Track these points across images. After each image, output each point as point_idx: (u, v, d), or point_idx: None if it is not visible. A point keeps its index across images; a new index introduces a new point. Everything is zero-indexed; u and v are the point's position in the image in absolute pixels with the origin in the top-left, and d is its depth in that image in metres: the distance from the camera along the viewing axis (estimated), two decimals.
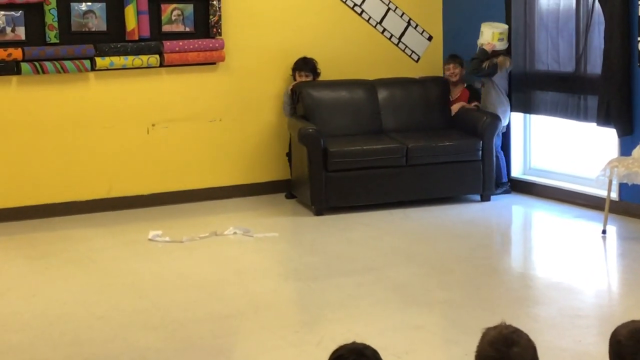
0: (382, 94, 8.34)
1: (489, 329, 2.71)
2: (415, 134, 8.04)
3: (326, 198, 7.65)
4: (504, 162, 8.20)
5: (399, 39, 8.91)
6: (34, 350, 4.82)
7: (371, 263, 6.32)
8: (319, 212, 7.65)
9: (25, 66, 7.47)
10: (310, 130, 7.67)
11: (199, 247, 6.81)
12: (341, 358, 2.71)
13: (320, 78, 8.41)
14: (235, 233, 7.11)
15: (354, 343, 2.76)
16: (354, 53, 8.72)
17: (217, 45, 8.07)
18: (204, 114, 8.21)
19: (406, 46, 8.94)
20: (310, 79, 8.31)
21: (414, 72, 8.81)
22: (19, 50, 7.42)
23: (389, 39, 8.87)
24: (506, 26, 8.06)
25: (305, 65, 8.32)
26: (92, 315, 5.38)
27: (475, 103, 8.35)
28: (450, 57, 8.53)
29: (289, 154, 8.31)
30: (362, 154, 7.70)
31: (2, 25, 7.41)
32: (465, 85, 8.50)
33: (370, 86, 8.37)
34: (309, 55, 8.36)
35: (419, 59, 9.00)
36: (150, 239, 6.98)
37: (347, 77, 8.49)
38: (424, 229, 7.23)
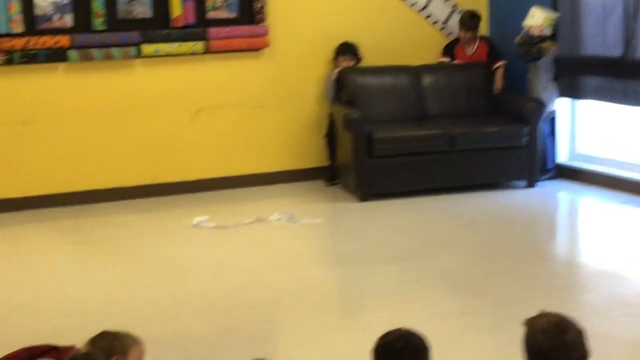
0: (426, 80, 8.30)
1: (533, 320, 2.70)
2: (459, 120, 7.99)
3: (370, 184, 7.63)
4: (551, 148, 8.13)
5: (444, 24, 8.85)
6: (81, 334, 4.84)
7: (415, 249, 6.30)
8: (363, 198, 7.64)
9: (72, 53, 7.53)
10: (355, 116, 7.65)
11: (243, 233, 6.83)
12: (389, 344, 2.72)
13: (365, 64, 8.39)
14: (279, 219, 7.12)
15: (400, 329, 2.76)
16: (398, 38, 8.67)
17: (261, 31, 8.07)
18: (248, 101, 8.23)
19: (451, 31, 8.87)
20: (352, 63, 8.29)
21: None
22: (66, 37, 7.49)
23: (434, 24, 8.82)
24: (558, 14, 7.96)
25: (347, 49, 8.30)
26: (138, 300, 5.43)
27: (500, 64, 8.34)
28: (462, 20, 8.44)
29: (328, 135, 8.26)
30: (406, 140, 7.67)
31: (49, 13, 7.48)
32: (479, 37, 8.47)
33: (414, 72, 8.33)
34: (353, 41, 8.34)
35: None
36: (195, 225, 7.01)
37: (392, 62, 8.45)
38: (469, 216, 7.19)
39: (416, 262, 5.97)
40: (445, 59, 8.56)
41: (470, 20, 8.39)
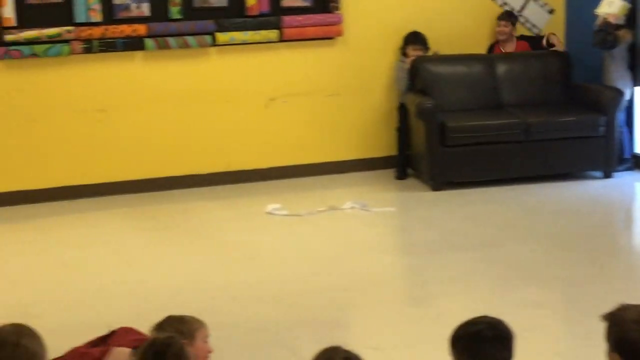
0: (501, 69, 8.22)
1: (618, 312, 2.66)
2: (535, 109, 7.90)
3: (444, 173, 7.60)
4: (628, 138, 8.00)
5: (520, 12, 8.75)
6: (153, 318, 4.94)
7: (489, 239, 6.26)
8: (436, 188, 7.60)
9: (148, 42, 7.63)
10: (428, 105, 7.61)
11: (316, 221, 6.86)
12: (481, 333, 2.69)
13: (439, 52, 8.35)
14: (352, 207, 7.13)
15: (485, 317, 2.74)
16: (473, 27, 8.59)
17: (335, 19, 8.08)
18: (322, 89, 8.24)
19: (527, 20, 8.77)
20: (422, 52, 8.24)
21: None
22: (143, 26, 7.59)
23: None
24: (631, 6, 7.84)
25: (417, 39, 8.26)
26: (212, 285, 5.49)
27: (549, 34, 8.46)
28: (502, 16, 8.43)
29: (400, 129, 8.22)
30: (481, 129, 7.61)
31: (127, 2, 7.58)
32: (517, 36, 8.50)
33: (489, 60, 8.25)
34: (429, 29, 8.29)
35: (539, 32, 8.82)
36: (268, 212, 7.06)
37: (466, 51, 8.39)
38: (544, 206, 7.11)
39: (489, 252, 5.93)
40: None
41: (509, 16, 8.45)
